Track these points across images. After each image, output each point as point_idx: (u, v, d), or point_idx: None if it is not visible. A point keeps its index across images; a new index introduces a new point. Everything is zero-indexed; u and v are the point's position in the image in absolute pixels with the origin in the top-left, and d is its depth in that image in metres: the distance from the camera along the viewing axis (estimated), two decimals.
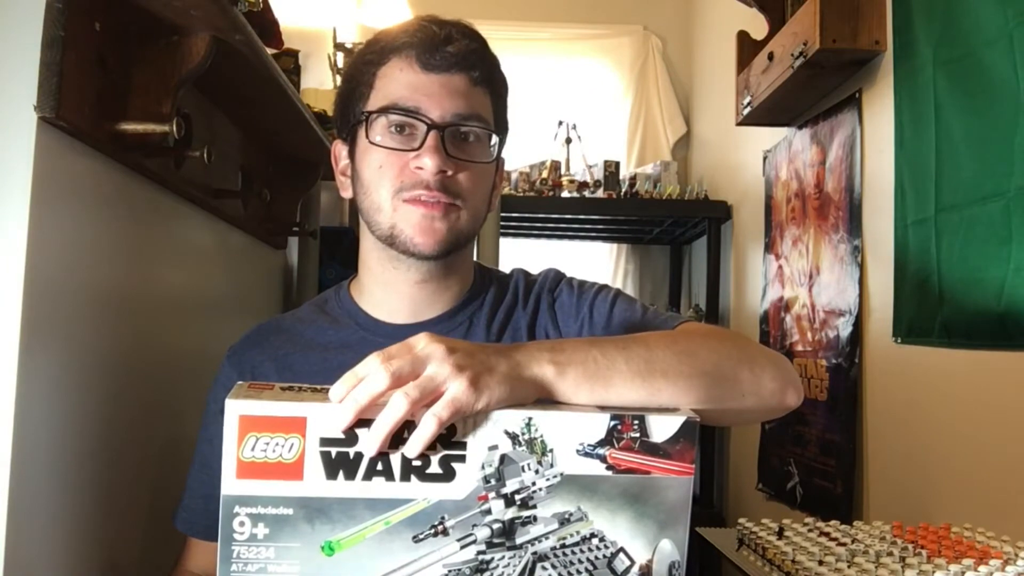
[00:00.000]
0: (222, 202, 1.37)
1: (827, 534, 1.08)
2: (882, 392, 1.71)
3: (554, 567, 0.63)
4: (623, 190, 3.00)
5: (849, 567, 0.93)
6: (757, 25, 2.19)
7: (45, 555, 0.84)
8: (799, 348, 2.13)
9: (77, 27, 0.83)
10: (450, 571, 0.61)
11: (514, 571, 0.62)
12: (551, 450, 0.62)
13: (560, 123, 3.23)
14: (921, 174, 1.51)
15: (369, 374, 0.60)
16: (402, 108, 0.83)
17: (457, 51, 0.84)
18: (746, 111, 2.20)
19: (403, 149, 0.83)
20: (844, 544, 1.03)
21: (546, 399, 0.66)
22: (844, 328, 1.87)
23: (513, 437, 0.62)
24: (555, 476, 0.62)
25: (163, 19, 0.95)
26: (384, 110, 0.84)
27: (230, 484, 0.59)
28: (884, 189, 1.67)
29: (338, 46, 2.65)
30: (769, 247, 2.42)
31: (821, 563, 0.94)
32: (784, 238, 2.30)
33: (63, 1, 0.80)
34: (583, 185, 3.02)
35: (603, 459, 0.62)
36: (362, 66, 0.88)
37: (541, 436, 0.62)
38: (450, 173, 0.83)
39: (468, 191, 0.85)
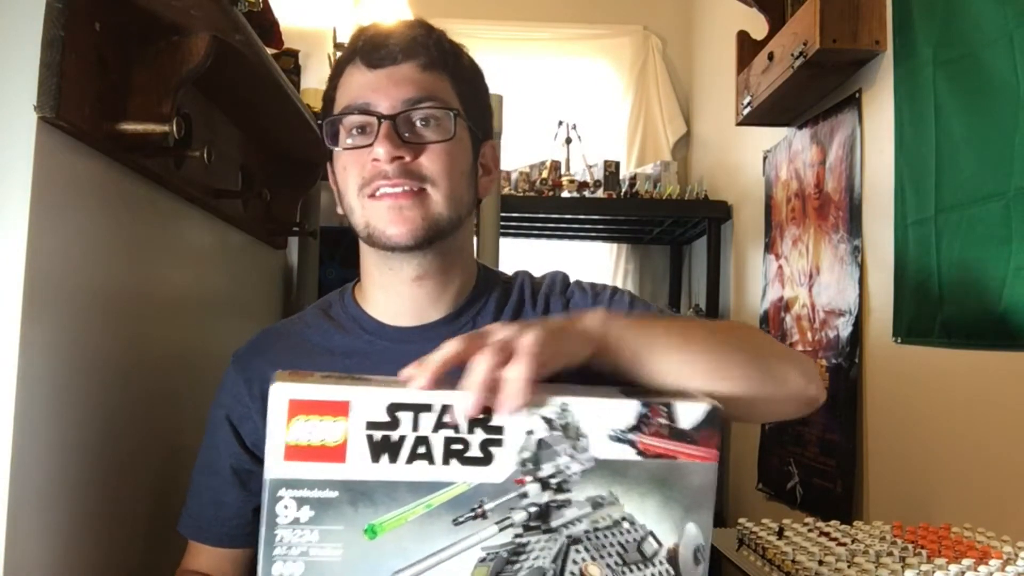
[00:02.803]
0: (222, 202, 1.37)
1: (827, 534, 1.08)
2: (882, 392, 1.71)
3: (587, 550, 0.64)
4: (623, 190, 3.00)
5: (849, 567, 0.93)
6: (757, 25, 2.19)
7: (45, 555, 0.84)
8: (799, 348, 2.13)
9: (77, 27, 0.83)
10: (488, 554, 0.63)
11: (549, 554, 0.64)
12: (585, 435, 0.64)
13: (560, 123, 3.22)
14: (921, 174, 1.51)
15: (444, 348, 0.62)
16: (353, 108, 0.84)
17: (399, 42, 0.85)
18: (746, 111, 2.20)
19: (361, 146, 0.84)
20: (844, 544, 1.03)
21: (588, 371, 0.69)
22: (844, 328, 1.87)
23: (549, 422, 0.63)
24: (588, 461, 0.64)
25: (163, 19, 0.95)
26: (338, 115, 0.85)
27: (276, 467, 0.60)
28: (884, 189, 1.67)
29: (338, 46, 2.65)
30: (769, 247, 2.42)
31: (821, 563, 0.94)
32: (784, 238, 2.30)
33: (63, 1, 0.80)
34: (583, 185, 3.02)
35: (633, 444, 0.64)
36: (328, 85, 0.91)
37: (575, 422, 0.63)
38: (409, 159, 0.82)
39: (435, 172, 0.83)
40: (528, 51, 3.58)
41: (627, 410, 0.64)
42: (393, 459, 0.61)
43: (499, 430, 0.62)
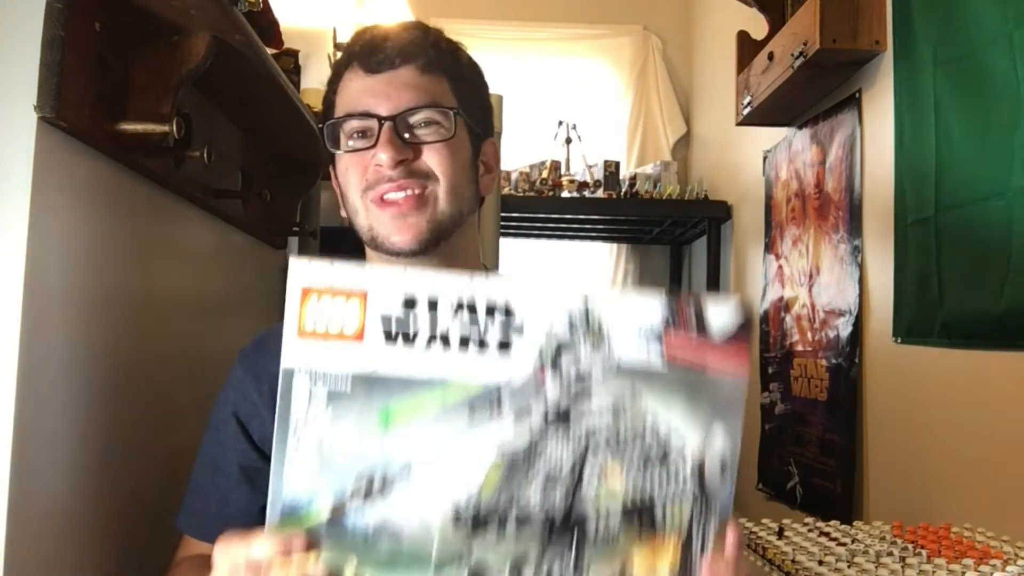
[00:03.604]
0: (222, 202, 1.37)
1: (827, 534, 1.08)
2: (882, 392, 1.71)
3: (606, 453, 0.63)
4: (623, 190, 3.00)
5: (849, 567, 0.93)
6: (757, 25, 2.19)
7: (45, 555, 0.84)
8: (799, 348, 2.13)
9: (77, 27, 0.83)
10: (504, 450, 0.61)
11: (567, 454, 0.62)
12: (607, 334, 0.62)
13: (560, 123, 3.23)
14: (921, 174, 1.51)
15: None
16: (353, 113, 0.85)
17: (396, 45, 0.85)
18: (746, 111, 2.20)
19: (362, 149, 0.84)
20: (844, 544, 1.03)
21: None
22: (844, 328, 1.87)
23: (571, 318, 0.61)
24: (611, 361, 0.62)
25: (163, 19, 0.95)
26: (338, 120, 0.86)
27: (290, 351, 0.59)
28: (884, 189, 1.67)
29: (338, 46, 2.65)
30: (769, 247, 2.42)
31: (821, 563, 0.94)
32: (784, 238, 2.30)
33: (63, 1, 0.80)
34: (583, 185, 3.02)
35: (659, 348, 0.62)
36: (327, 89, 0.91)
37: (599, 320, 0.61)
38: (412, 160, 0.83)
39: (437, 171, 0.84)
40: (528, 51, 3.57)
41: (652, 309, 0.62)
42: (409, 347, 0.60)
43: (520, 325, 0.61)
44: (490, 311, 0.60)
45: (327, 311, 0.60)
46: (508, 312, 0.60)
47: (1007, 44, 1.26)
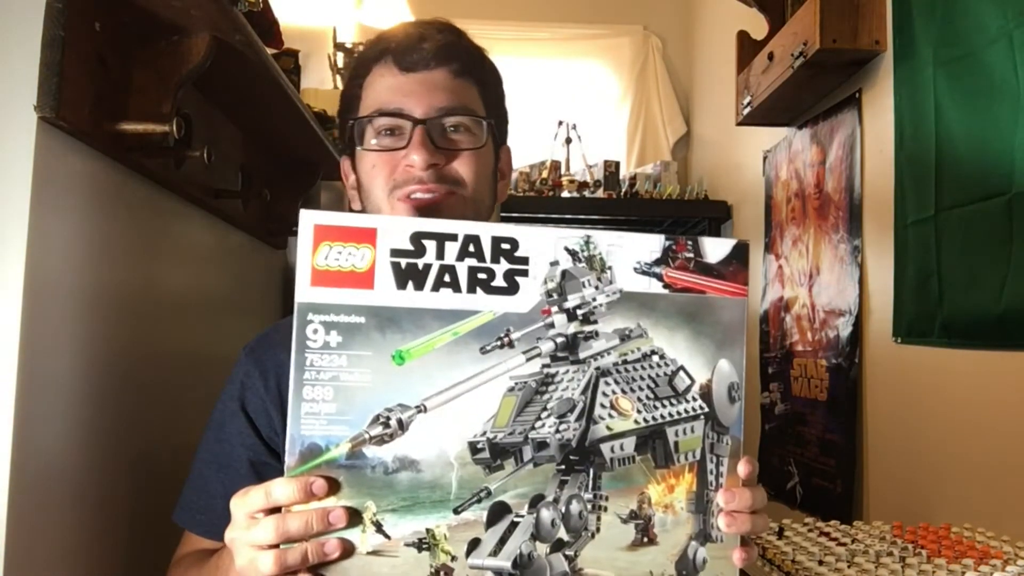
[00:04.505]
0: (222, 202, 1.37)
1: (827, 534, 1.08)
2: (882, 392, 1.71)
3: (616, 382, 0.65)
4: (623, 190, 3.00)
5: (849, 567, 0.93)
6: (757, 25, 2.19)
7: (45, 554, 0.84)
8: (799, 348, 2.13)
9: (77, 27, 0.83)
10: (516, 383, 0.63)
11: (578, 385, 0.64)
12: (610, 267, 0.64)
13: (560, 123, 3.22)
14: (921, 174, 1.51)
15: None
16: (386, 111, 0.85)
17: (433, 47, 0.86)
18: (746, 111, 2.20)
19: (393, 149, 0.85)
20: (844, 544, 1.03)
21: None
22: (844, 328, 1.87)
23: (573, 254, 0.64)
24: (614, 292, 0.64)
25: (163, 19, 0.95)
26: (369, 116, 0.86)
27: (304, 291, 0.61)
28: (884, 189, 1.67)
29: (338, 46, 2.65)
30: (769, 247, 2.42)
31: (821, 563, 0.94)
32: (784, 238, 2.30)
33: (63, 1, 0.80)
34: (583, 185, 3.02)
35: (659, 277, 0.65)
36: (350, 82, 0.91)
37: (600, 253, 0.64)
38: (442, 164, 0.84)
39: (465, 178, 0.86)
40: (528, 51, 3.57)
41: (652, 243, 0.65)
42: (419, 286, 0.62)
43: (524, 260, 0.63)
44: (495, 255, 0.62)
45: (338, 254, 0.61)
46: (513, 252, 0.63)
47: (1007, 44, 1.26)
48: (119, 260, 1.01)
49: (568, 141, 3.19)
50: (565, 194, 3.00)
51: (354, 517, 0.61)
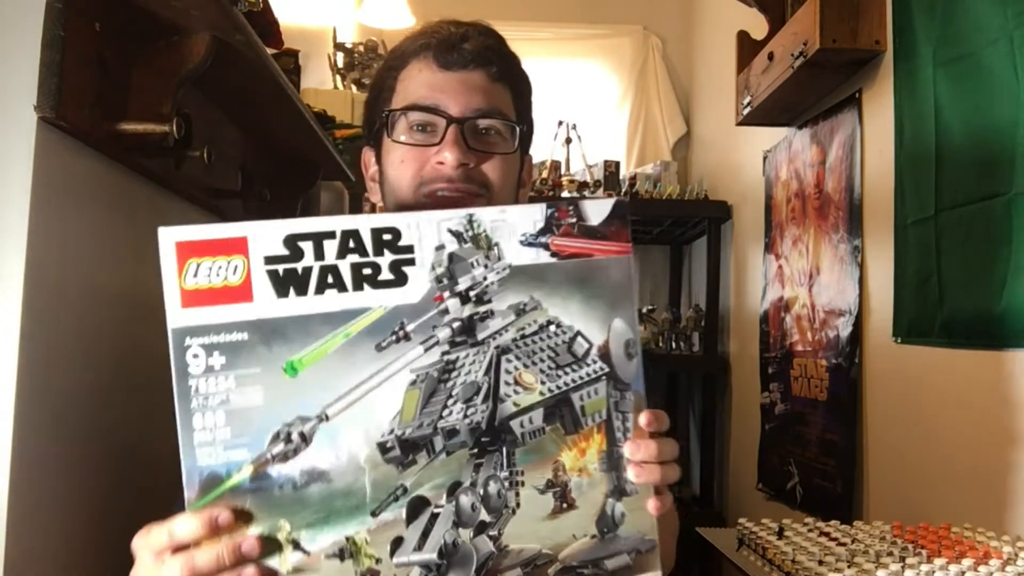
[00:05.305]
0: (222, 202, 1.37)
1: (827, 534, 1.08)
2: (882, 392, 1.71)
3: (517, 358, 0.65)
4: (623, 190, 3.00)
5: (849, 567, 0.93)
6: (757, 25, 2.19)
7: (45, 555, 0.84)
8: (799, 348, 2.13)
9: (77, 27, 0.83)
10: (418, 376, 0.62)
11: (480, 367, 0.64)
12: (496, 244, 0.64)
13: (560, 123, 3.22)
14: (921, 174, 1.51)
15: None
16: (422, 106, 0.85)
17: (474, 48, 0.86)
18: (746, 111, 2.20)
19: (424, 145, 0.85)
20: (844, 544, 1.03)
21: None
22: (844, 328, 1.87)
23: (458, 235, 0.63)
24: (504, 268, 0.64)
25: (163, 19, 0.95)
26: (404, 109, 0.86)
27: (176, 315, 0.58)
28: (884, 189, 1.67)
29: (338, 46, 2.65)
30: (769, 247, 2.41)
31: (821, 563, 0.94)
32: (784, 238, 2.30)
33: (63, 1, 0.80)
34: (583, 185, 3.02)
35: (546, 247, 0.65)
36: (384, 72, 0.91)
37: (484, 231, 0.63)
38: (472, 165, 0.84)
39: (493, 181, 0.86)
40: (528, 51, 3.55)
41: (534, 213, 0.65)
42: (301, 292, 0.59)
43: (408, 249, 0.62)
44: (378, 248, 0.61)
45: (208, 270, 0.58)
46: (396, 241, 0.61)
47: (1007, 44, 1.26)
48: (119, 260, 1.01)
49: (568, 141, 3.19)
50: (565, 194, 3.00)
51: (269, 542, 0.59)
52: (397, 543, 0.61)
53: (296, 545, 0.59)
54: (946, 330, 1.43)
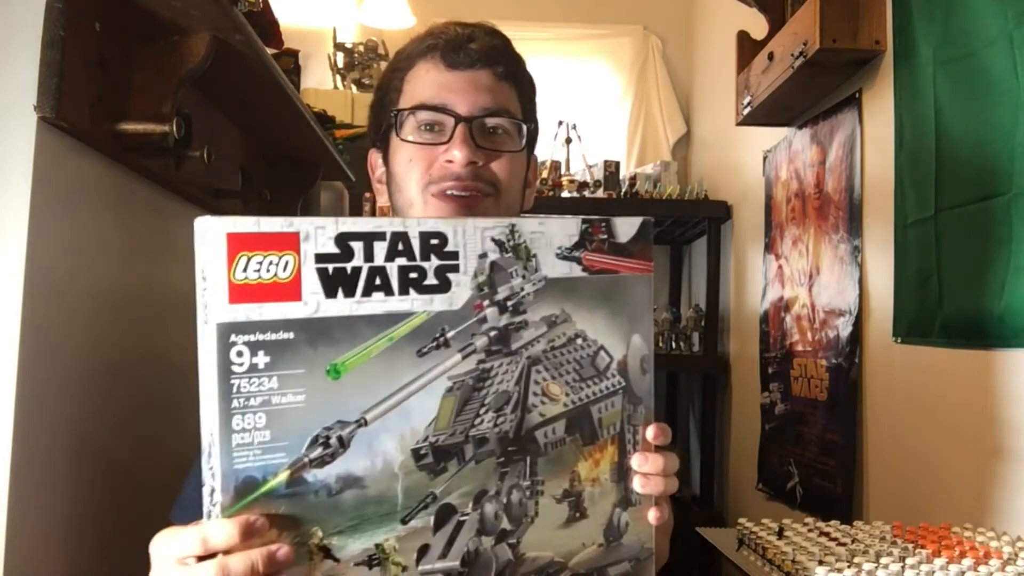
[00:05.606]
0: (222, 202, 1.37)
1: (827, 534, 1.08)
2: (882, 392, 1.71)
3: (546, 369, 0.66)
4: (623, 190, 3.00)
5: (849, 567, 0.93)
6: (757, 25, 2.19)
7: (45, 555, 0.84)
8: (799, 348, 2.13)
9: (77, 27, 0.83)
10: (455, 382, 0.62)
11: (512, 376, 0.64)
12: (534, 255, 0.65)
13: (560, 123, 3.22)
14: (921, 174, 1.51)
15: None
16: (430, 106, 0.86)
17: (480, 48, 0.87)
18: (746, 111, 2.20)
19: (433, 144, 0.85)
20: (844, 544, 1.03)
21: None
22: (844, 328, 1.87)
23: (500, 244, 0.63)
24: (540, 280, 0.65)
25: (163, 19, 0.95)
26: (413, 108, 0.86)
27: (222, 310, 0.55)
28: (884, 189, 1.67)
29: (338, 46, 2.65)
30: (769, 247, 2.42)
31: (821, 563, 0.94)
32: (784, 238, 2.30)
33: (63, 1, 0.80)
34: (583, 185, 3.02)
35: (579, 261, 0.66)
36: (390, 74, 0.91)
37: (525, 242, 0.64)
38: (481, 163, 0.85)
39: (502, 180, 0.87)
40: (528, 51, 3.54)
41: (570, 227, 0.66)
42: (349, 293, 0.58)
43: (454, 255, 0.62)
44: (425, 253, 0.61)
45: (259, 266, 0.56)
46: (443, 247, 0.61)
47: (1007, 44, 1.26)
48: (119, 260, 1.01)
49: (568, 141, 3.19)
50: (565, 194, 3.00)
51: (299, 548, 0.57)
52: (423, 551, 0.61)
53: (327, 552, 0.58)
54: (946, 330, 1.43)
